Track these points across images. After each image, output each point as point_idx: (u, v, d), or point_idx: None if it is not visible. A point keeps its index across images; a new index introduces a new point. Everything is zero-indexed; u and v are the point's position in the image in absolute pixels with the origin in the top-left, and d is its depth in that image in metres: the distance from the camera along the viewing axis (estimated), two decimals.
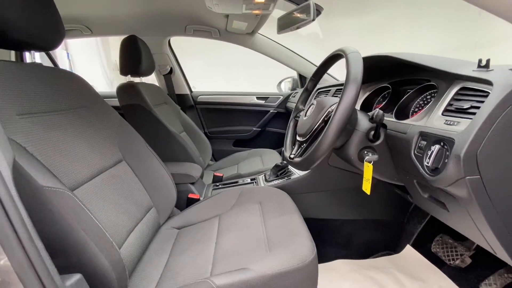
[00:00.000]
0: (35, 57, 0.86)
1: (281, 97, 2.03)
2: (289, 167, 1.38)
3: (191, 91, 2.04)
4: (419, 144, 0.60)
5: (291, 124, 1.01)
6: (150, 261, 0.85)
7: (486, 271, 0.88)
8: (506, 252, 0.53)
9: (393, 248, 1.22)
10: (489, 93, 0.49)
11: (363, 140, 0.76)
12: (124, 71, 1.42)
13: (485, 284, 0.85)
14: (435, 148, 0.53)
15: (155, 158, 1.10)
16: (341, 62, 0.81)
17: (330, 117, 0.68)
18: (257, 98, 2.05)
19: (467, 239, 0.99)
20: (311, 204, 1.21)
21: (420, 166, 0.58)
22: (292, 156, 0.86)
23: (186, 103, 2.01)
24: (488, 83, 0.50)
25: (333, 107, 0.75)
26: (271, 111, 2.03)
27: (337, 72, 1.60)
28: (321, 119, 0.76)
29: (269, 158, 1.71)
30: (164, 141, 1.37)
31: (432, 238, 1.11)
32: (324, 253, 1.18)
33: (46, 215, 0.53)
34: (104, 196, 0.79)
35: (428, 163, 0.54)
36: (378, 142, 0.76)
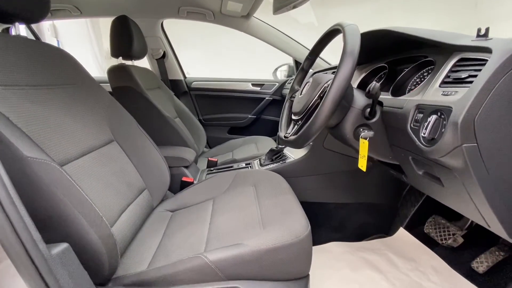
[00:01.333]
0: (19, 31, 0.82)
1: (277, 84, 2.01)
2: (284, 151, 1.37)
3: (185, 77, 2.00)
4: (416, 117, 0.59)
5: (286, 105, 0.99)
6: (143, 242, 0.84)
7: (477, 250, 0.89)
8: (500, 223, 0.53)
9: (386, 231, 1.23)
10: (487, 60, 0.48)
11: (359, 117, 0.75)
12: (115, 53, 1.38)
13: (477, 262, 0.86)
14: (432, 118, 0.52)
15: (148, 140, 1.08)
16: (337, 45, 0.80)
17: (325, 92, 0.66)
18: (252, 85, 2.02)
19: (459, 219, 1.00)
20: (305, 188, 1.21)
21: (416, 139, 0.58)
22: (287, 135, 0.84)
23: (180, 89, 1.97)
24: (487, 50, 0.49)
25: (329, 82, 0.73)
26: (266, 98, 2.01)
27: (332, 56, 1.57)
28: (317, 95, 0.75)
29: (265, 145, 1.70)
30: (157, 125, 1.34)
31: (425, 220, 1.13)
32: (318, 236, 1.19)
33: (31, 186, 0.51)
34: (95, 175, 0.77)
35: (424, 134, 0.53)
36: (374, 120, 0.75)
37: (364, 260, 1.03)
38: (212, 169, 1.40)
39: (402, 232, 1.15)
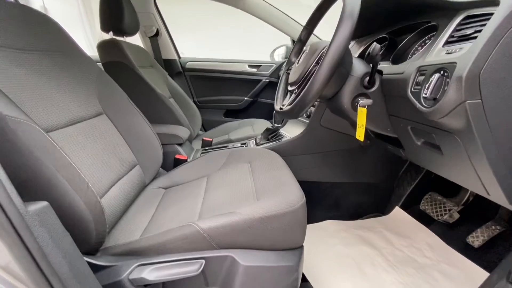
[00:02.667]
0: None
1: (274, 65, 1.96)
2: (280, 131, 1.35)
3: (179, 57, 1.95)
4: (417, 80, 0.57)
5: (282, 78, 0.96)
6: (134, 216, 0.82)
7: (473, 225, 0.89)
8: (501, 188, 0.51)
9: (382, 210, 1.23)
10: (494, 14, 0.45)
11: (358, 86, 0.73)
12: (105, 27, 1.32)
13: (472, 236, 0.86)
14: (434, 77, 0.49)
15: (139, 115, 1.05)
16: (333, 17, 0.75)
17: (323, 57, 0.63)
18: (249, 66, 1.97)
19: (456, 195, 0.99)
20: (301, 166, 1.19)
21: (416, 102, 0.55)
22: (282, 107, 0.81)
23: (174, 69, 1.91)
24: (494, 3, 0.46)
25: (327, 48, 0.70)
26: (263, 80, 1.97)
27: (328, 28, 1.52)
28: (314, 61, 0.71)
29: (261, 127, 1.66)
30: (149, 102, 1.30)
31: (420, 200, 1.12)
32: (313, 215, 1.18)
33: (8, 145, 0.48)
34: (82, 146, 0.74)
35: (426, 94, 0.50)
36: (373, 89, 0.72)
37: (358, 237, 1.03)
38: (206, 148, 1.38)
39: (397, 211, 1.15)
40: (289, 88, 0.82)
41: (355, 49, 0.98)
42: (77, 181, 0.56)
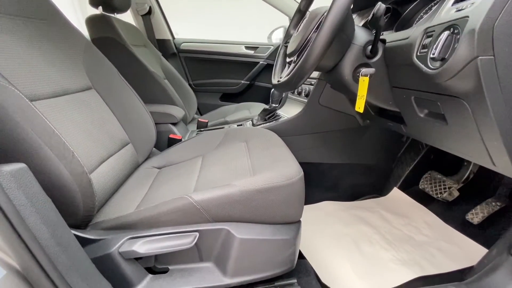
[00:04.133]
0: None
1: (272, 47, 1.90)
2: (278, 111, 1.31)
3: (173, 37, 1.88)
4: (423, 43, 0.53)
5: (281, 51, 0.92)
6: (126, 194, 0.79)
7: (473, 203, 0.88)
8: (509, 156, 0.49)
9: (380, 192, 1.22)
10: None
11: (359, 56, 0.69)
12: (94, 1, 1.25)
13: (472, 213, 0.85)
14: (443, 35, 0.46)
15: (131, 92, 1.01)
16: None
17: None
18: (246, 48, 1.91)
19: (456, 173, 0.98)
20: (299, 147, 1.16)
21: (423, 65, 0.52)
22: (280, 79, 0.78)
23: (168, 50, 1.85)
24: None
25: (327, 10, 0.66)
26: (260, 62, 1.91)
27: None
28: (314, 27, 0.67)
29: (259, 111, 1.62)
30: (142, 81, 1.25)
31: (419, 180, 1.11)
32: (311, 196, 1.16)
33: None
34: (69, 118, 0.70)
35: (434, 54, 0.47)
36: (375, 59, 0.69)
37: (356, 217, 1.02)
38: (202, 130, 1.34)
39: (395, 192, 1.14)
40: (288, 59, 0.78)
41: (357, 21, 0.94)
42: (61, 149, 0.52)
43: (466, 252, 0.80)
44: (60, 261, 0.39)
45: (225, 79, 1.95)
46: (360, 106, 0.67)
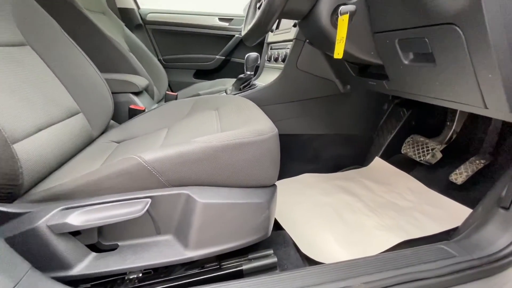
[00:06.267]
0: None
1: None
2: (254, 81, 1.21)
3: (138, 7, 1.70)
4: None
5: (252, 2, 0.81)
6: (72, 168, 0.68)
7: (457, 163, 0.84)
8: (505, 93, 0.43)
9: (361, 162, 1.17)
10: None
11: None
12: None
13: (455, 174, 0.81)
14: None
15: (81, 55, 0.87)
16: None
17: None
18: (220, 19, 1.77)
19: (439, 134, 0.94)
20: (278, 118, 1.08)
21: None
22: (247, 29, 0.68)
23: (133, 21, 1.67)
24: None
25: None
26: (236, 35, 1.78)
27: None
28: None
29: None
30: (98, 48, 1.10)
31: (401, 148, 1.07)
32: (291, 169, 1.09)
33: None
34: None
35: None
36: None
37: (338, 187, 0.96)
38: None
39: (377, 161, 1.09)
40: (258, 4, 0.68)
41: None
42: None
43: (451, 213, 0.76)
44: None
45: (198, 54, 1.81)
46: (339, 52, 0.59)
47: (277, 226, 0.75)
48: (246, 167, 0.52)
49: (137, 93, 1.04)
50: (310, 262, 0.63)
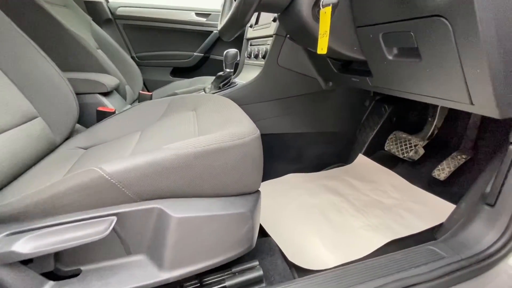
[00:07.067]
0: None
1: None
2: (234, 80, 1.16)
3: (107, 0, 1.58)
4: None
5: None
6: (30, 180, 0.60)
7: (439, 159, 0.85)
8: (492, 90, 0.41)
9: (345, 160, 1.16)
10: None
11: None
12: None
13: (438, 170, 0.81)
14: None
15: (37, 52, 0.78)
16: None
17: None
18: (196, 14, 1.69)
19: (421, 130, 0.94)
20: (259, 117, 1.04)
21: None
22: (224, 23, 0.63)
23: (102, 15, 1.55)
24: None
25: None
26: (214, 31, 1.72)
27: None
28: None
29: None
30: (59, 45, 1.00)
31: (383, 145, 1.07)
32: (274, 170, 1.06)
33: None
34: None
35: None
36: None
37: (323, 186, 0.94)
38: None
39: (360, 158, 1.08)
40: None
41: None
42: None
43: (435, 210, 0.76)
44: None
45: (174, 51, 1.73)
46: (322, 47, 0.55)
47: (262, 232, 0.71)
48: (226, 174, 0.47)
49: (106, 94, 0.95)
50: (298, 270, 0.60)
